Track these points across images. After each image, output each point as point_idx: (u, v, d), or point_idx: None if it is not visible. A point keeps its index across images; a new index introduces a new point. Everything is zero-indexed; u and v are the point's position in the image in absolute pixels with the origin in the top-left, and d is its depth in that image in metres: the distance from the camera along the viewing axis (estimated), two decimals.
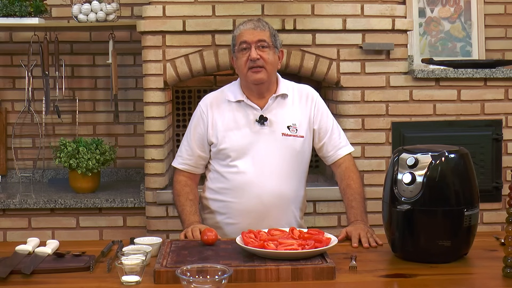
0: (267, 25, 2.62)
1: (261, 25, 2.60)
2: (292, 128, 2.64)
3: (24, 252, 2.26)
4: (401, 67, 3.64)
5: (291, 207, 2.66)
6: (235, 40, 2.62)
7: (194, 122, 2.70)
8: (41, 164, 4.18)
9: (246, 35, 2.57)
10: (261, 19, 2.66)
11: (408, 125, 3.65)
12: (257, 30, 2.58)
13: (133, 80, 4.17)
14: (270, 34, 2.60)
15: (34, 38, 3.99)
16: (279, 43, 2.65)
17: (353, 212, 2.59)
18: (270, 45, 2.58)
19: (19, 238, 3.50)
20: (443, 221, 2.15)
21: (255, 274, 2.01)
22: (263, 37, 2.57)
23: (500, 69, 3.69)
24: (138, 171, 4.17)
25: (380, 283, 2.02)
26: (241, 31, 2.60)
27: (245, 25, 2.61)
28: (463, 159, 2.20)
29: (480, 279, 2.07)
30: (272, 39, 2.60)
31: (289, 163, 2.64)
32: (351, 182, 2.65)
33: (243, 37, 2.58)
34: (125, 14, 4.05)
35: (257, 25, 2.59)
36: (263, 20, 2.65)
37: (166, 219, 3.63)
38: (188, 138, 2.71)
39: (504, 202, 3.69)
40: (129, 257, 2.03)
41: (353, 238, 2.41)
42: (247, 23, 2.61)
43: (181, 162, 2.73)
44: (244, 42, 2.57)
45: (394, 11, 3.60)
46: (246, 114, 2.63)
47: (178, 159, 2.74)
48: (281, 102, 2.66)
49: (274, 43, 2.61)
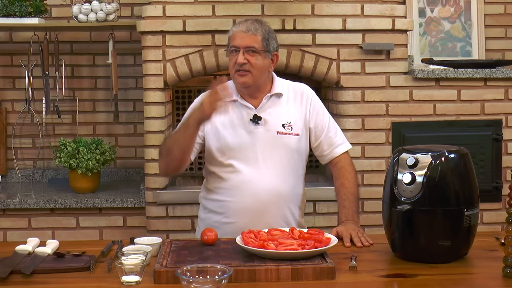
0: (260, 29, 2.57)
1: (253, 28, 2.55)
2: (287, 126, 2.64)
3: (24, 252, 2.26)
4: (401, 67, 3.64)
5: (288, 205, 2.65)
6: (229, 40, 2.61)
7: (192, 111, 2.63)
8: (41, 164, 4.18)
9: (236, 39, 2.56)
10: (257, 21, 2.60)
11: (408, 125, 3.65)
12: (248, 34, 2.54)
13: (133, 80, 4.17)
14: (262, 39, 2.56)
15: (34, 38, 3.99)
16: (272, 47, 2.60)
17: (345, 211, 2.58)
18: (260, 50, 2.55)
19: (19, 238, 3.50)
20: (443, 221, 2.15)
21: (255, 274, 2.01)
22: (252, 43, 2.54)
23: (500, 69, 3.69)
24: (138, 171, 4.17)
25: (380, 283, 2.02)
26: (234, 32, 2.58)
27: (238, 27, 2.58)
28: (463, 159, 2.20)
29: (480, 279, 2.07)
30: (263, 43, 2.56)
31: (285, 161, 2.63)
32: (345, 181, 2.65)
33: (234, 40, 2.56)
34: (125, 14, 4.05)
35: (249, 28, 2.55)
36: (259, 22, 2.60)
37: (166, 219, 3.63)
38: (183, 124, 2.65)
39: (504, 202, 3.69)
40: (129, 257, 2.03)
41: (344, 238, 2.41)
42: (241, 24, 2.58)
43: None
44: (234, 45, 2.56)
45: (394, 11, 3.60)
46: (241, 114, 2.63)
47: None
48: (275, 101, 2.66)
49: (265, 47, 2.56)
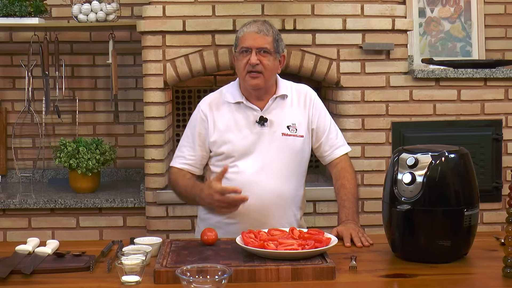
0: (271, 30, 2.57)
1: (265, 29, 2.55)
2: (292, 128, 2.64)
3: (24, 252, 2.26)
4: (401, 67, 3.64)
5: (291, 207, 2.66)
6: (238, 41, 2.59)
7: (195, 123, 2.67)
8: (41, 164, 4.18)
9: (248, 39, 2.54)
10: (266, 22, 2.60)
11: (408, 125, 3.65)
12: (260, 35, 2.54)
13: (133, 80, 4.17)
14: (273, 40, 2.56)
15: (34, 38, 3.99)
16: (281, 48, 2.61)
17: (345, 211, 2.59)
18: (272, 51, 2.55)
19: (19, 238, 3.50)
20: (443, 221, 2.15)
21: (255, 274, 2.01)
22: (265, 44, 2.54)
23: (500, 69, 3.69)
24: (138, 171, 4.17)
25: (380, 283, 2.02)
26: (245, 33, 2.56)
27: (249, 27, 2.56)
28: (463, 159, 2.20)
29: (480, 279, 2.07)
30: (274, 44, 2.56)
31: (289, 163, 2.64)
32: (345, 182, 2.65)
33: (245, 41, 2.55)
34: (125, 14, 4.05)
35: (261, 29, 2.55)
36: (268, 23, 2.60)
37: (166, 219, 3.63)
38: (188, 139, 2.68)
39: (504, 202, 3.69)
40: (129, 257, 2.03)
41: (345, 238, 2.41)
42: (252, 25, 2.57)
43: (182, 162, 2.67)
44: (246, 46, 2.55)
45: (394, 11, 3.60)
46: (246, 116, 2.62)
47: (178, 160, 2.69)
48: (280, 102, 2.66)
49: (276, 49, 2.57)
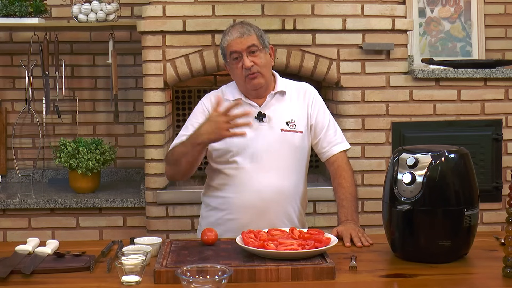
0: (251, 28, 2.61)
1: (246, 30, 2.59)
2: (290, 124, 2.65)
3: (24, 252, 2.26)
4: (401, 67, 3.64)
5: (291, 203, 2.66)
6: (225, 50, 2.62)
7: (196, 114, 2.68)
8: (41, 164, 4.18)
9: (234, 45, 2.57)
10: (244, 23, 2.64)
11: (408, 125, 3.65)
12: (244, 37, 2.57)
13: (133, 80, 4.17)
14: (257, 37, 2.59)
15: (34, 38, 3.99)
16: (267, 42, 2.64)
17: (344, 211, 2.59)
18: (260, 48, 2.59)
19: (19, 238, 3.50)
20: (443, 221, 2.15)
21: (255, 274, 2.01)
22: (251, 42, 2.57)
23: (500, 69, 3.69)
24: (138, 171, 4.17)
25: (380, 283, 2.02)
26: (229, 42, 2.59)
27: (231, 35, 2.59)
28: (463, 159, 2.20)
29: (480, 279, 2.07)
30: (260, 40, 2.60)
31: (288, 158, 2.64)
32: (342, 181, 2.65)
33: (232, 47, 2.57)
34: (125, 14, 4.05)
35: (242, 31, 2.58)
36: (246, 23, 2.64)
37: (166, 219, 3.63)
38: (187, 128, 2.65)
39: (504, 202, 3.69)
40: (129, 257, 2.03)
41: (345, 238, 2.41)
42: (232, 32, 2.59)
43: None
44: (235, 52, 2.57)
45: (394, 11, 3.60)
46: None
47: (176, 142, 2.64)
48: (279, 98, 2.68)
49: (263, 44, 2.60)
